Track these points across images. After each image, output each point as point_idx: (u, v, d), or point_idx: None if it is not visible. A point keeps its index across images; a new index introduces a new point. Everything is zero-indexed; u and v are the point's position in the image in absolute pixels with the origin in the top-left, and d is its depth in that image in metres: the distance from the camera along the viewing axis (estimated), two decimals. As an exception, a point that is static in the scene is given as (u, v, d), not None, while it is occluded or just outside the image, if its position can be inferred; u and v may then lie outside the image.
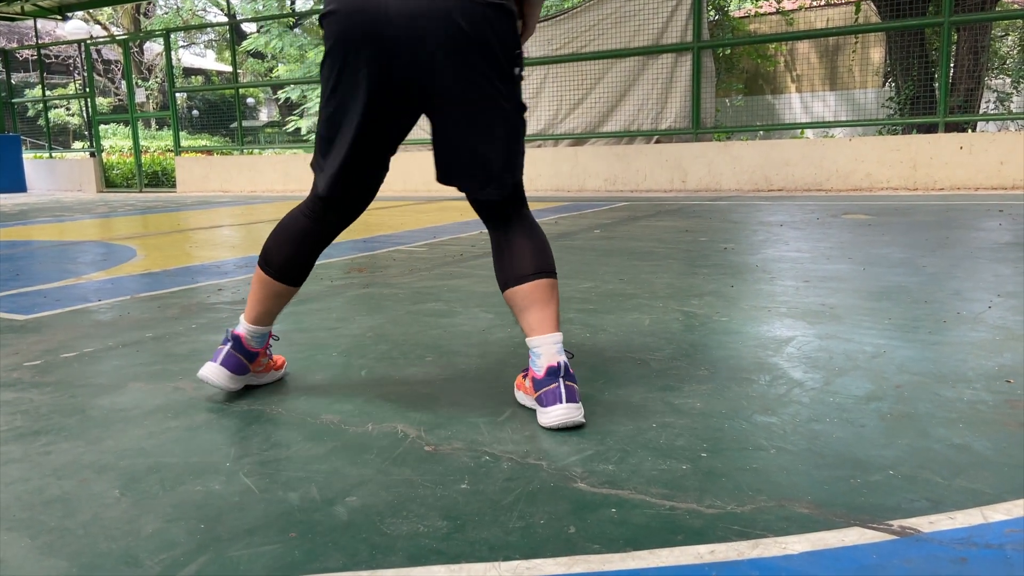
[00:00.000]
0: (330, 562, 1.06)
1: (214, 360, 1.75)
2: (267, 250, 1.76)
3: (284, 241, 1.75)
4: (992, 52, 13.09)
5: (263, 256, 1.77)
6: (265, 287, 1.76)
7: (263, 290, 1.76)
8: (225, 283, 3.44)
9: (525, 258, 1.65)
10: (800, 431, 1.48)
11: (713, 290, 2.92)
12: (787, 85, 17.20)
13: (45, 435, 1.59)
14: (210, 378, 1.75)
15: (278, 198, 10.43)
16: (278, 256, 1.74)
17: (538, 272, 1.64)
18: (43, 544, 1.13)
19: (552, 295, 1.64)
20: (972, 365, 1.87)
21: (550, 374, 1.56)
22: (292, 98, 22.26)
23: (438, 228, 5.68)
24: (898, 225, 4.87)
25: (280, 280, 1.75)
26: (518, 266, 1.65)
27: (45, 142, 15.54)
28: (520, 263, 1.65)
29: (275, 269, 1.75)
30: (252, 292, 1.78)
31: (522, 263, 1.64)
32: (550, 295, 1.63)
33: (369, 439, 1.51)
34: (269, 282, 1.75)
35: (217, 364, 1.74)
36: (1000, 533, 1.08)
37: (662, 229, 5.14)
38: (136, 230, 6.31)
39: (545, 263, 1.66)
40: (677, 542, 1.08)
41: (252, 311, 1.78)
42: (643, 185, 9.22)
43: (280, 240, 1.75)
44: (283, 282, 1.76)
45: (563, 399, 1.53)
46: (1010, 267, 3.21)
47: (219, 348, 1.77)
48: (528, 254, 1.65)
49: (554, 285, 1.65)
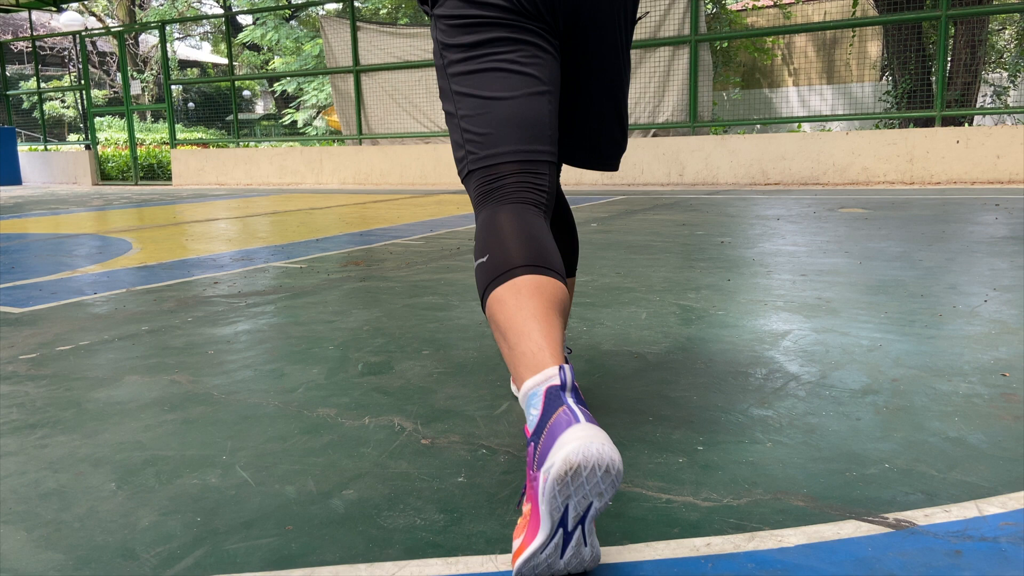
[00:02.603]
0: (327, 555, 1.06)
1: (587, 420, 0.96)
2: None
3: None
4: (989, 46, 13.10)
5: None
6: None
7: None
8: (221, 276, 3.44)
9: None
10: (796, 424, 1.49)
11: (710, 284, 2.92)
12: (784, 79, 17.19)
13: (41, 428, 1.59)
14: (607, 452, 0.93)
15: (275, 191, 10.41)
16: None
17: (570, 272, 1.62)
18: (39, 537, 1.13)
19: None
20: (968, 359, 1.88)
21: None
22: (288, 91, 22.18)
23: (435, 221, 5.67)
24: (894, 219, 4.88)
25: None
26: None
27: (40, 135, 15.48)
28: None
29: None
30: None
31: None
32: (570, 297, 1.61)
33: (366, 432, 1.51)
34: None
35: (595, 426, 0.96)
36: (995, 526, 1.08)
37: (659, 223, 5.14)
38: (132, 223, 6.30)
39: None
40: (673, 535, 1.09)
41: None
42: (640, 179, 9.22)
43: None
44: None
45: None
46: (1006, 261, 3.22)
47: (570, 410, 0.97)
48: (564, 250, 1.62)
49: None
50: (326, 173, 11.42)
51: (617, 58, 1.42)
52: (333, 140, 13.17)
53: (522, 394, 1.05)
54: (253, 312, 2.66)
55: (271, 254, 4.15)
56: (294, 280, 3.29)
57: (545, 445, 0.94)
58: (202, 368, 1.99)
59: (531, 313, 1.10)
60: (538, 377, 1.02)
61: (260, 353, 2.12)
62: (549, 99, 1.29)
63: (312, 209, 7.19)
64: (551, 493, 0.91)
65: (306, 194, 9.56)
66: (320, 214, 6.64)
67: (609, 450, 0.91)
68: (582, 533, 0.94)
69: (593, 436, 0.91)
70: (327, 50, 11.82)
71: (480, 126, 1.27)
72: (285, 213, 6.85)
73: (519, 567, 0.95)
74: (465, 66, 1.28)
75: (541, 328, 1.08)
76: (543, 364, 1.03)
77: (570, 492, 0.91)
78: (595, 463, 0.90)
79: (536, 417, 0.99)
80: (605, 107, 1.46)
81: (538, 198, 1.28)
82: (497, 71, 1.26)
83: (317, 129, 21.56)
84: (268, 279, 3.34)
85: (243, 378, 1.89)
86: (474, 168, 1.29)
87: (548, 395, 0.99)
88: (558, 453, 0.90)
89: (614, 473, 0.91)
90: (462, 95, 1.29)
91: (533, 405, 1.01)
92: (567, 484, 0.90)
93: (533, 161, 1.27)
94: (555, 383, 1.00)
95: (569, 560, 0.95)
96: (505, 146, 1.26)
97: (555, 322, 1.10)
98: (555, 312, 1.12)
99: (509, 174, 1.26)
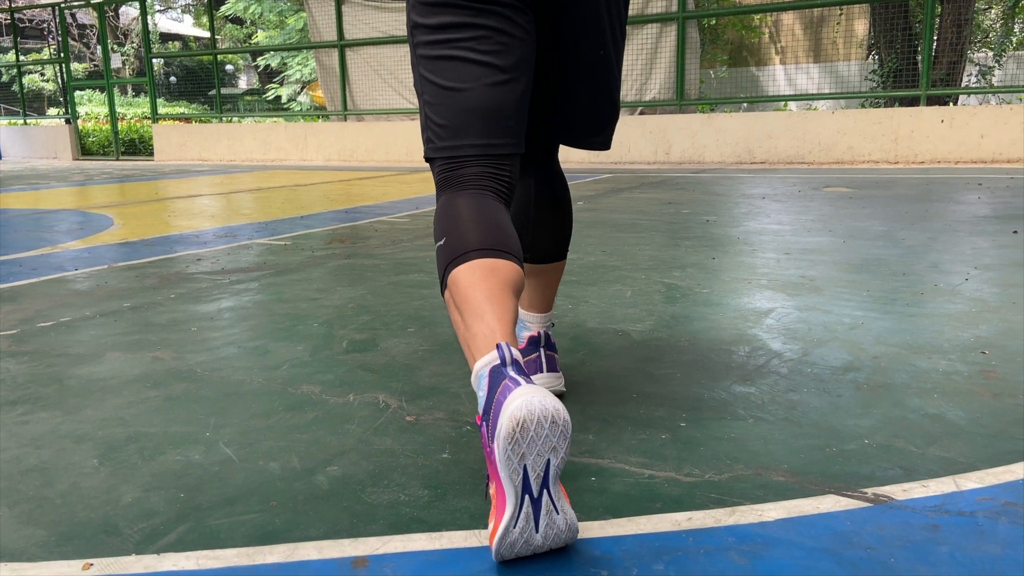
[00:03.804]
0: (311, 531, 1.06)
1: (527, 383, 0.98)
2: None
3: None
4: (975, 25, 13.12)
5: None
6: None
7: None
8: (204, 253, 3.41)
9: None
10: (778, 401, 1.50)
11: (695, 262, 2.93)
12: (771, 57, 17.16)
13: (22, 405, 1.57)
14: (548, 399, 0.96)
15: (258, 167, 10.31)
16: None
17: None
18: (21, 513, 1.13)
19: (559, 277, 1.64)
20: (948, 336, 1.90)
21: (531, 344, 1.56)
22: (272, 65, 21.91)
23: (420, 199, 5.65)
24: (879, 198, 4.90)
25: None
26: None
27: (19, 108, 15.23)
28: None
29: None
30: None
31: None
32: (559, 276, 1.63)
33: (350, 409, 1.51)
34: None
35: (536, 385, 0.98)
36: (972, 501, 1.10)
37: (645, 201, 5.14)
38: (113, 199, 6.22)
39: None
40: (655, 510, 1.10)
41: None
42: (627, 157, 9.20)
43: None
44: None
45: (544, 369, 1.53)
46: (988, 240, 3.24)
47: (511, 378, 0.99)
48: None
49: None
50: (311, 149, 11.32)
51: (601, 33, 1.38)
52: (318, 116, 13.04)
53: (473, 377, 1.05)
54: (236, 289, 2.65)
55: (255, 231, 4.12)
56: (278, 257, 3.27)
57: (493, 417, 0.96)
58: (185, 345, 1.98)
59: (485, 295, 1.10)
60: (487, 358, 1.03)
61: (244, 330, 2.11)
62: (512, 87, 1.27)
63: (296, 186, 7.13)
64: (505, 456, 0.92)
65: (290, 171, 9.48)
66: (304, 191, 6.59)
67: (552, 402, 0.93)
68: (550, 498, 0.95)
69: (534, 391, 0.93)
70: (311, 24, 11.67)
71: (440, 115, 1.27)
72: (269, 190, 6.79)
73: (496, 547, 0.95)
74: (428, 50, 1.27)
75: (494, 310, 1.09)
76: (493, 346, 1.04)
77: (523, 450, 0.92)
78: (539, 416, 0.91)
79: (483, 397, 1.01)
80: (590, 86, 1.43)
81: (498, 187, 1.27)
82: (455, 59, 1.25)
83: (301, 105, 21.34)
84: (252, 256, 3.31)
85: (226, 355, 1.88)
86: (435, 156, 1.30)
87: (492, 373, 1.00)
88: (504, 415, 0.92)
89: (561, 423, 0.93)
90: (425, 80, 1.28)
91: (480, 387, 1.02)
92: (518, 442, 0.92)
93: (493, 155, 1.27)
94: (496, 363, 1.01)
95: (546, 532, 0.95)
96: (464, 139, 1.26)
97: (507, 304, 1.11)
98: (508, 294, 1.12)
99: (469, 165, 1.27)
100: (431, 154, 1.30)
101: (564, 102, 1.45)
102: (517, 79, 1.28)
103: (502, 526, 0.94)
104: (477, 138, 1.26)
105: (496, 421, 0.94)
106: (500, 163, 1.28)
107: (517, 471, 0.93)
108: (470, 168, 1.27)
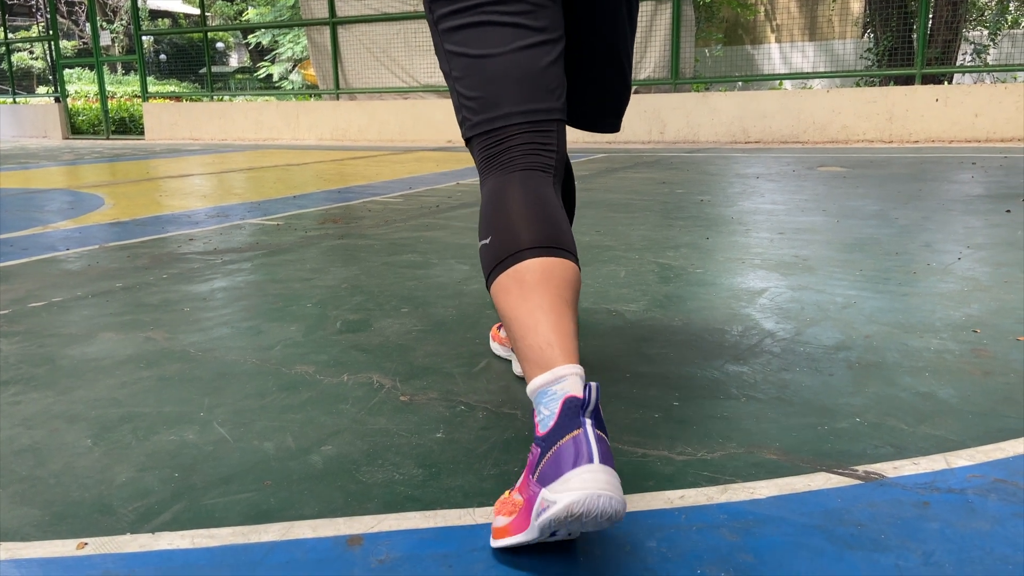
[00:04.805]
0: (305, 509, 1.07)
1: (601, 459, 0.88)
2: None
3: None
4: (971, 3, 13.06)
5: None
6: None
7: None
8: (196, 233, 3.39)
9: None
10: (770, 380, 1.51)
11: (689, 242, 2.93)
12: (767, 35, 17.06)
13: (14, 385, 1.57)
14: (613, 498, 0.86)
15: (250, 147, 10.24)
16: None
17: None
18: (14, 493, 1.13)
19: None
20: (940, 315, 1.91)
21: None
22: (263, 43, 21.70)
23: (414, 179, 5.62)
24: (872, 178, 4.90)
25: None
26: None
27: (8, 87, 15.06)
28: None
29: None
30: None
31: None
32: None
33: (344, 389, 1.51)
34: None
35: (607, 469, 0.88)
36: (962, 478, 1.11)
37: (639, 181, 5.13)
38: (104, 178, 6.18)
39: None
40: (648, 487, 1.10)
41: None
42: (621, 136, 9.17)
43: None
44: None
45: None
46: (980, 219, 3.25)
47: (586, 439, 0.89)
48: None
49: None
50: (303, 128, 11.24)
51: (619, 15, 1.32)
52: (310, 95, 12.94)
53: (530, 389, 0.97)
54: (229, 269, 2.64)
55: (247, 211, 4.10)
56: (271, 237, 3.25)
57: (550, 467, 0.88)
58: (178, 325, 1.97)
59: (537, 303, 1.00)
60: (547, 376, 0.94)
61: (237, 311, 2.11)
62: (548, 48, 1.15)
63: (289, 165, 7.09)
64: (546, 523, 0.86)
65: (282, 150, 9.42)
66: (297, 170, 6.55)
67: (616, 503, 0.84)
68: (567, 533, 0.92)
69: (602, 486, 0.84)
70: (302, 1, 11.54)
71: (472, 88, 1.15)
72: (261, 169, 6.75)
73: (497, 546, 0.95)
74: (451, 20, 1.17)
75: (549, 320, 0.99)
76: (552, 362, 0.96)
77: (566, 527, 0.88)
78: (598, 514, 0.84)
79: (548, 423, 0.91)
80: (611, 69, 1.38)
81: (546, 161, 1.15)
82: (481, 25, 1.13)
83: (293, 83, 21.16)
84: (244, 236, 3.30)
85: (220, 335, 1.88)
86: (472, 134, 1.18)
87: (565, 407, 0.90)
88: (563, 494, 0.84)
89: (615, 519, 0.86)
90: (451, 55, 1.18)
91: (545, 405, 0.93)
92: (563, 523, 0.86)
93: (536, 122, 1.15)
94: (574, 395, 0.91)
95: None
96: (503, 108, 1.14)
97: (564, 312, 1.01)
98: (564, 301, 1.02)
99: (512, 136, 1.14)
100: (468, 133, 1.19)
101: (584, 85, 1.39)
102: (555, 41, 1.17)
103: (512, 541, 0.93)
104: (516, 105, 1.13)
105: (551, 478, 0.87)
106: (545, 131, 1.16)
107: (549, 530, 0.89)
108: (513, 141, 1.14)
